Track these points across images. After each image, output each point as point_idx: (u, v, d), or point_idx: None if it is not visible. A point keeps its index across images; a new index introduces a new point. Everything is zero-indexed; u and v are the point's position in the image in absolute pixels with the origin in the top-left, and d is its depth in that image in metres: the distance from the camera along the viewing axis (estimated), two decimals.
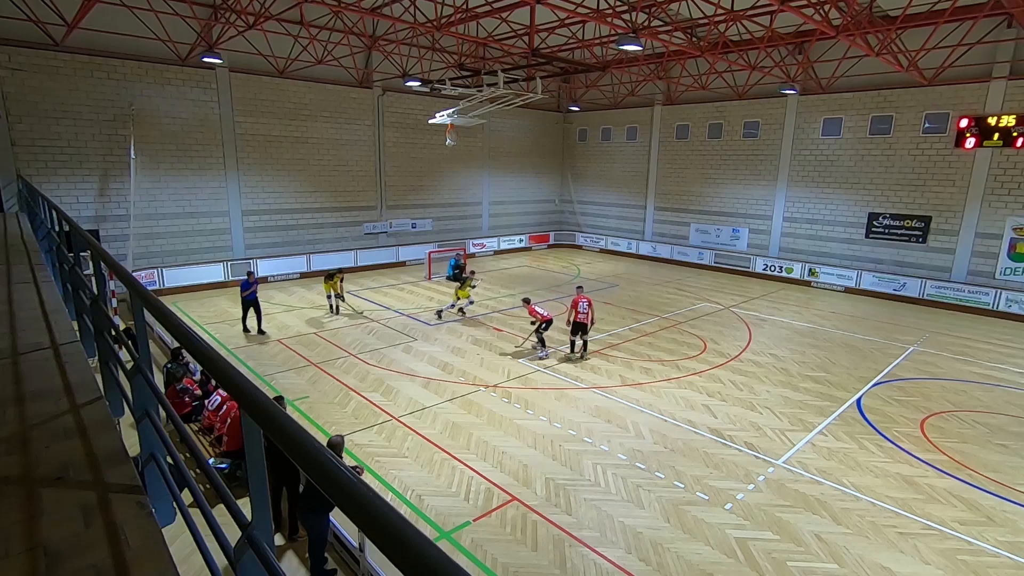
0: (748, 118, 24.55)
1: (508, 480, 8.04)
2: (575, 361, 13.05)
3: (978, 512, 7.56)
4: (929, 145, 19.84)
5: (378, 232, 24.78)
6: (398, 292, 20.16)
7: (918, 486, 8.16)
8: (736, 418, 10.26)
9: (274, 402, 1.39)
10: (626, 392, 11.35)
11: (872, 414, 10.60)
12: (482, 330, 15.48)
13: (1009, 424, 10.35)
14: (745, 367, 13.01)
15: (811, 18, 13.56)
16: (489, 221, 29.60)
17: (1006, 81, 18.01)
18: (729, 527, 7.09)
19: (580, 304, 12.85)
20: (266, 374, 11.90)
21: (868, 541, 6.89)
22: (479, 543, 6.68)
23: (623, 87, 27.29)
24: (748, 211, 25.15)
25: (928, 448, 9.30)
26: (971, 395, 11.73)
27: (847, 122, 21.70)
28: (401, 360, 12.84)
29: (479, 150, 28.18)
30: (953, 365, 13.61)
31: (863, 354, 14.23)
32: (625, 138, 29.56)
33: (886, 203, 21.07)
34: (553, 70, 24.59)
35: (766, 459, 8.82)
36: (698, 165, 26.60)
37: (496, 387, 11.47)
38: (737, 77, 23.20)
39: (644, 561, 6.42)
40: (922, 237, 20.37)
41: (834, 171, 22.26)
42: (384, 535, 0.91)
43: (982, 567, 6.48)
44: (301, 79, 21.31)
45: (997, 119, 18.05)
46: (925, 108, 19.77)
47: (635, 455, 8.83)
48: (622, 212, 30.32)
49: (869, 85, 20.59)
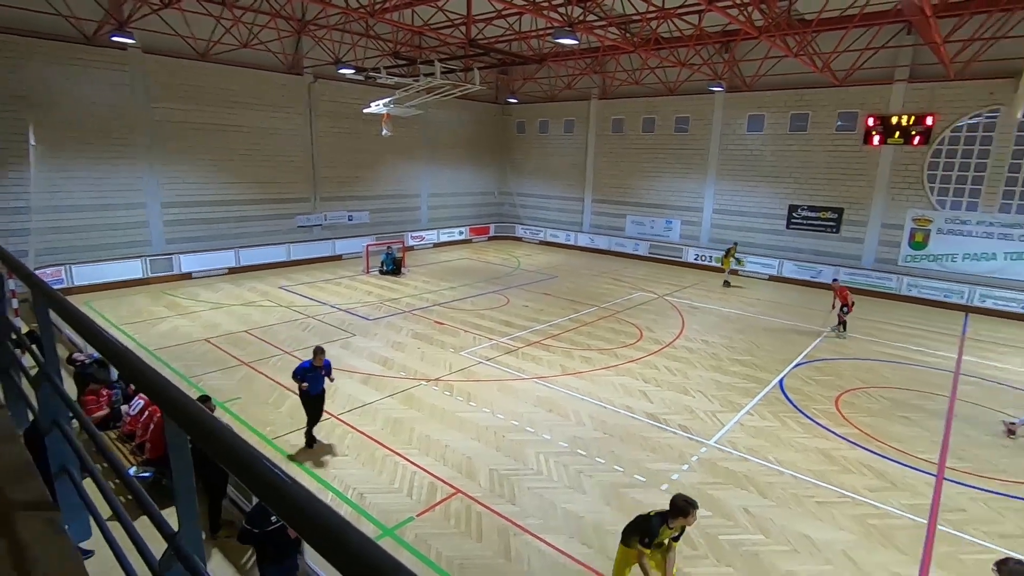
0: (679, 113, 25.46)
1: (451, 473, 8.03)
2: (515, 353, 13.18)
3: (884, 479, 8.27)
4: (841, 142, 21.31)
5: (312, 225, 23.93)
6: (335, 287, 19.58)
7: (833, 458, 8.82)
8: (671, 402, 10.69)
9: (199, 404, 1.31)
10: (567, 381, 11.57)
11: (793, 393, 11.34)
12: (423, 324, 15.32)
13: (911, 398, 11.36)
14: (679, 353, 13.58)
15: (736, 18, 14.19)
16: (428, 213, 29.23)
17: (906, 84, 19.60)
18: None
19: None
20: (193, 376, 11.26)
21: (790, 512, 7.39)
22: (423, 538, 6.64)
23: (560, 80, 27.59)
24: (680, 203, 26.14)
25: (841, 423, 10.07)
26: (878, 373, 12.78)
27: (769, 119, 22.94)
28: (339, 356, 12.49)
29: (417, 141, 27.72)
30: (863, 346, 14.77)
31: (785, 338, 15.18)
32: (563, 131, 29.94)
33: (804, 196, 22.49)
34: (491, 61, 24.50)
35: (699, 440, 9.26)
36: (633, 158, 27.35)
37: (438, 381, 11.40)
38: (668, 73, 23.96)
39: (586, 544, 6.60)
40: (836, 227, 21.91)
41: (758, 165, 23.50)
42: (323, 537, 0.89)
43: (888, 528, 7.11)
44: (225, 63, 20.15)
45: (898, 118, 19.63)
46: (838, 107, 21.20)
47: (576, 442, 9.03)
48: (561, 204, 30.75)
49: (788, 84, 21.82)
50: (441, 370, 11.97)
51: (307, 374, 8.32)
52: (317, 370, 8.42)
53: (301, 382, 8.29)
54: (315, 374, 8.40)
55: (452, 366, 12.22)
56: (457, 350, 13.24)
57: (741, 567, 6.31)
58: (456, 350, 13.24)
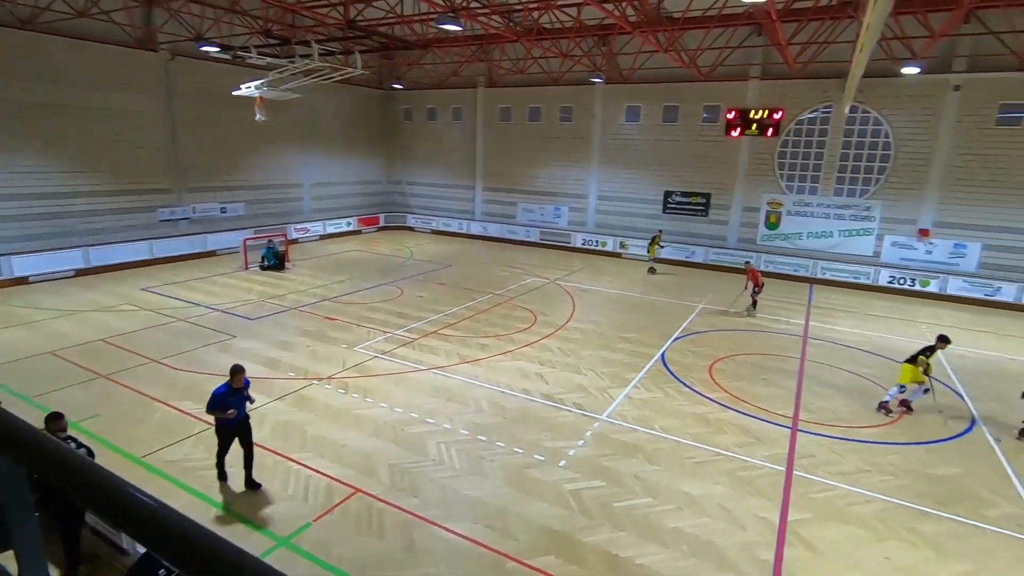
0: (563, 103, 26.29)
1: (349, 473, 7.77)
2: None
3: (750, 435, 9.28)
4: (707, 132, 23.27)
5: (178, 219, 21.70)
6: (209, 286, 17.96)
7: (708, 421, 9.73)
8: (565, 382, 11.15)
9: (36, 430, 1.14)
10: (465, 369, 11.62)
11: (673, 365, 12.31)
12: (312, 320, 14.56)
13: (769, 362, 12.82)
14: (571, 335, 14.16)
15: (611, 13, 14.88)
16: (312, 204, 27.71)
17: (759, 81, 21.81)
18: (564, 482, 7.73)
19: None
20: (36, 395, 9.80)
21: (674, 473, 8.05)
22: (322, 543, 6.38)
23: (446, 67, 27.27)
24: (567, 191, 27.11)
25: (715, 388, 11.12)
26: (743, 341, 14.24)
27: (644, 110, 24.43)
28: (218, 361, 11.53)
29: (297, 127, 26.05)
30: (730, 318, 16.37)
31: (664, 314, 16.40)
32: (451, 119, 29.70)
33: (678, 182, 24.32)
34: (373, 45, 23.61)
35: (592, 416, 9.76)
36: (522, 147, 27.84)
37: (331, 379, 10.93)
38: (552, 64, 24.60)
39: (490, 528, 6.72)
40: (705, 211, 23.97)
41: (636, 154, 24.98)
42: (196, 561, 0.81)
43: (753, 478, 8.00)
44: (57, 34, 17.48)
45: (753, 112, 21.81)
46: (703, 100, 23.09)
47: (476, 428, 9.12)
48: (452, 193, 30.58)
49: (661, 78, 23.34)
50: (334, 367, 11.49)
51: (229, 399, 6.96)
52: (238, 392, 7.11)
53: (226, 411, 6.89)
54: (238, 398, 7.10)
55: (346, 362, 11.77)
56: (351, 346, 12.77)
57: (633, 530, 6.78)
58: (350, 346, 12.77)
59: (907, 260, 20.70)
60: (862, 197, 21.03)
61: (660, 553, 6.39)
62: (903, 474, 8.29)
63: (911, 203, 20.28)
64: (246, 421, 7.39)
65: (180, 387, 10.34)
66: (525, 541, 6.51)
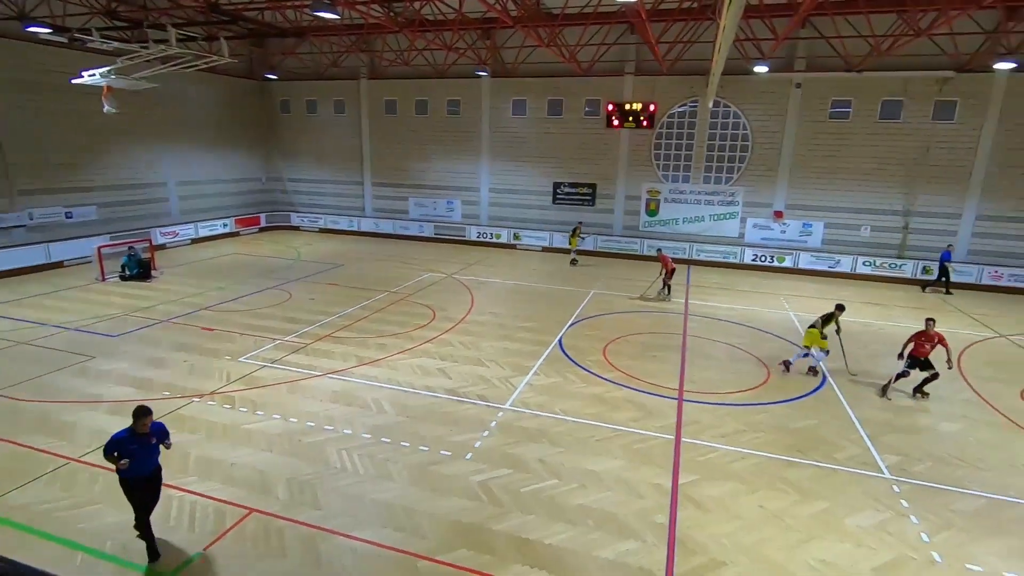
0: (450, 96, 26.13)
1: (241, 493, 7.22)
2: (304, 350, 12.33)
3: (643, 410, 9.91)
4: (590, 125, 24.32)
5: (10, 226, 18.75)
6: (57, 302, 15.74)
7: (605, 400, 10.25)
8: (468, 375, 11.18)
9: None
10: (363, 371, 11.25)
11: (570, 350, 12.80)
12: (188, 333, 13.30)
13: (657, 340, 13.75)
14: (471, 328, 14.21)
15: (493, 7, 14.98)
16: (180, 204, 25.23)
17: (633, 76, 23.14)
18: (471, 474, 7.77)
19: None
20: None
21: (576, 453, 8.40)
22: (216, 572, 5.88)
23: (325, 57, 25.96)
24: (459, 184, 27.06)
25: (609, 369, 11.73)
26: (633, 322, 15.15)
27: (530, 103, 24.98)
28: (75, 387, 10.17)
29: (158, 120, 23.51)
30: (620, 301, 17.32)
31: (560, 302, 16.98)
32: (333, 111, 28.39)
33: (565, 174, 25.20)
34: (241, 31, 21.87)
35: (496, 406, 9.88)
36: (410, 140, 27.31)
37: (214, 394, 10.07)
38: (436, 56, 24.32)
39: (399, 530, 6.59)
40: (592, 201, 25.09)
41: (525, 146, 25.51)
42: None
43: (647, 449, 8.57)
44: None
45: (630, 106, 23.12)
46: (585, 95, 24.07)
47: (379, 431, 8.88)
48: (339, 189, 29.32)
49: (544, 72, 23.97)
50: (217, 382, 10.59)
51: (127, 447, 5.73)
52: (143, 439, 5.87)
53: (119, 460, 5.67)
54: (142, 446, 5.86)
55: (230, 375, 10.89)
56: (235, 356, 11.84)
57: (541, 512, 6.98)
58: (233, 357, 11.83)
59: (766, 240, 23.15)
60: (727, 184, 23.15)
61: (567, 531, 6.64)
62: (771, 430, 9.31)
63: (767, 188, 22.67)
64: (157, 475, 6.16)
65: (28, 420, 8.98)
66: (435, 538, 6.46)
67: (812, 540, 6.61)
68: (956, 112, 20.04)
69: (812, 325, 11.77)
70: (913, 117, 20.47)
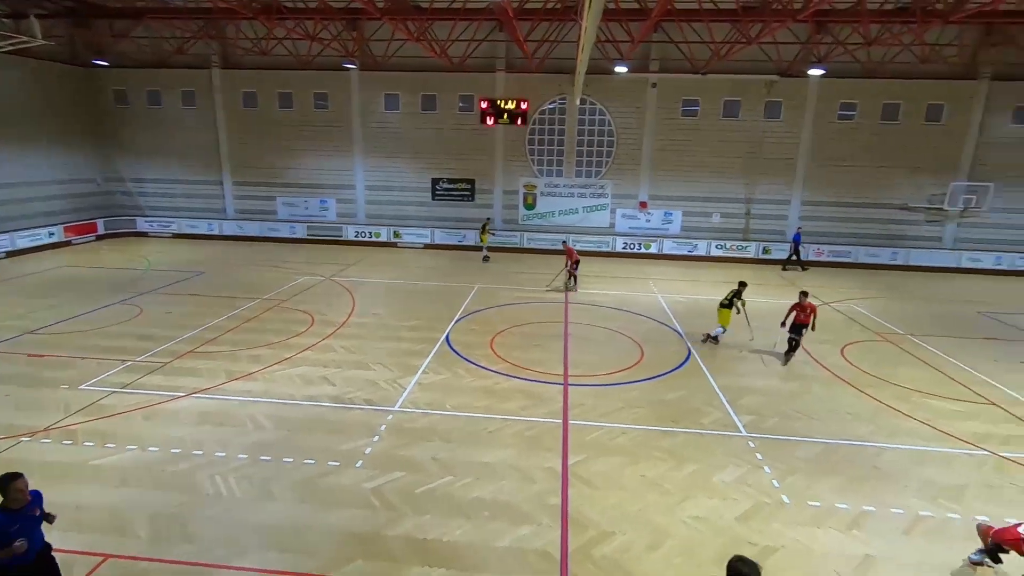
0: (317, 89, 24.79)
1: (93, 538, 6.32)
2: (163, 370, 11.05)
3: (532, 398, 10.21)
4: (465, 121, 24.41)
5: None
6: None
7: (495, 392, 10.41)
8: (353, 380, 10.74)
9: None
10: (236, 387, 10.35)
11: (458, 345, 12.81)
12: (10, 362, 11.32)
13: (540, 328, 14.22)
14: (353, 331, 13.67)
15: None
16: None
17: (505, 73, 23.59)
18: (363, 481, 7.49)
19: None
20: None
21: (469, 448, 8.44)
22: None
23: (168, 43, 23.32)
24: (332, 182, 25.81)
25: (497, 361, 11.92)
26: (516, 314, 15.52)
27: (403, 98, 24.48)
28: None
29: None
30: (504, 293, 17.65)
31: (444, 298, 16.91)
32: (182, 103, 25.63)
33: (443, 170, 25.08)
34: (58, 9, 18.91)
35: (384, 409, 9.61)
36: (275, 136, 25.51)
37: (49, 430, 8.68)
38: (299, 46, 22.92)
39: (286, 551, 6.17)
40: (471, 196, 25.25)
41: (400, 142, 24.97)
42: None
43: (537, 436, 8.85)
44: None
45: (503, 102, 23.49)
46: (458, 90, 24.08)
47: (257, 449, 8.23)
48: (193, 189, 26.59)
49: (416, 67, 23.59)
50: (53, 415, 9.13)
51: (10, 529, 4.39)
52: (22, 515, 4.53)
53: (11, 548, 4.33)
54: (25, 523, 4.52)
55: (69, 406, 9.45)
56: (74, 385, 10.29)
57: (437, 510, 6.93)
58: (72, 385, 10.27)
59: (634, 228, 24.90)
60: (596, 177, 24.51)
61: (464, 525, 6.66)
62: (646, 404, 10.06)
63: (632, 181, 24.37)
64: (47, 554, 4.93)
65: None
66: (327, 554, 6.15)
67: (687, 500, 7.27)
68: (782, 111, 23.00)
69: (723, 304, 13.03)
70: (748, 115, 23.14)
